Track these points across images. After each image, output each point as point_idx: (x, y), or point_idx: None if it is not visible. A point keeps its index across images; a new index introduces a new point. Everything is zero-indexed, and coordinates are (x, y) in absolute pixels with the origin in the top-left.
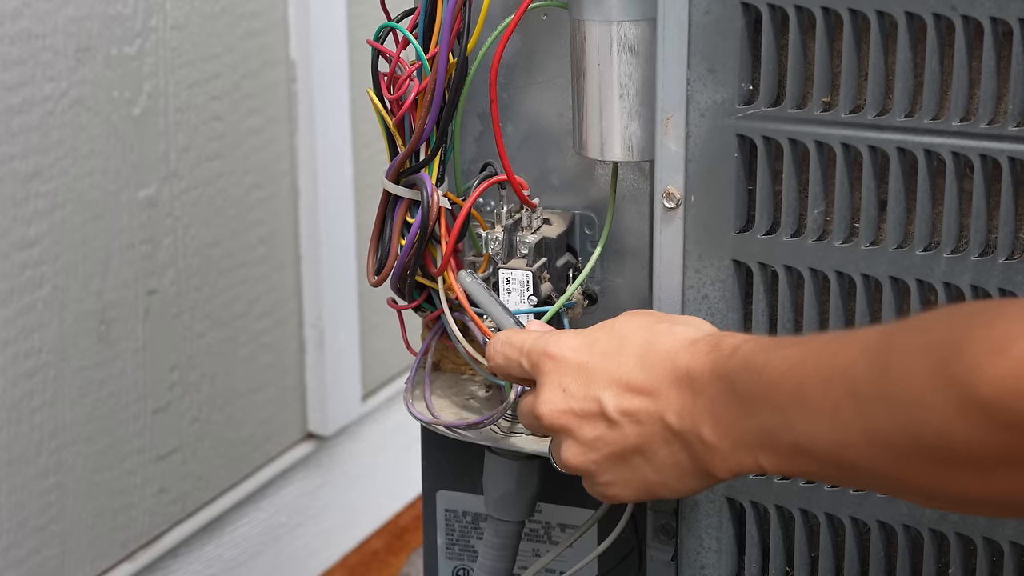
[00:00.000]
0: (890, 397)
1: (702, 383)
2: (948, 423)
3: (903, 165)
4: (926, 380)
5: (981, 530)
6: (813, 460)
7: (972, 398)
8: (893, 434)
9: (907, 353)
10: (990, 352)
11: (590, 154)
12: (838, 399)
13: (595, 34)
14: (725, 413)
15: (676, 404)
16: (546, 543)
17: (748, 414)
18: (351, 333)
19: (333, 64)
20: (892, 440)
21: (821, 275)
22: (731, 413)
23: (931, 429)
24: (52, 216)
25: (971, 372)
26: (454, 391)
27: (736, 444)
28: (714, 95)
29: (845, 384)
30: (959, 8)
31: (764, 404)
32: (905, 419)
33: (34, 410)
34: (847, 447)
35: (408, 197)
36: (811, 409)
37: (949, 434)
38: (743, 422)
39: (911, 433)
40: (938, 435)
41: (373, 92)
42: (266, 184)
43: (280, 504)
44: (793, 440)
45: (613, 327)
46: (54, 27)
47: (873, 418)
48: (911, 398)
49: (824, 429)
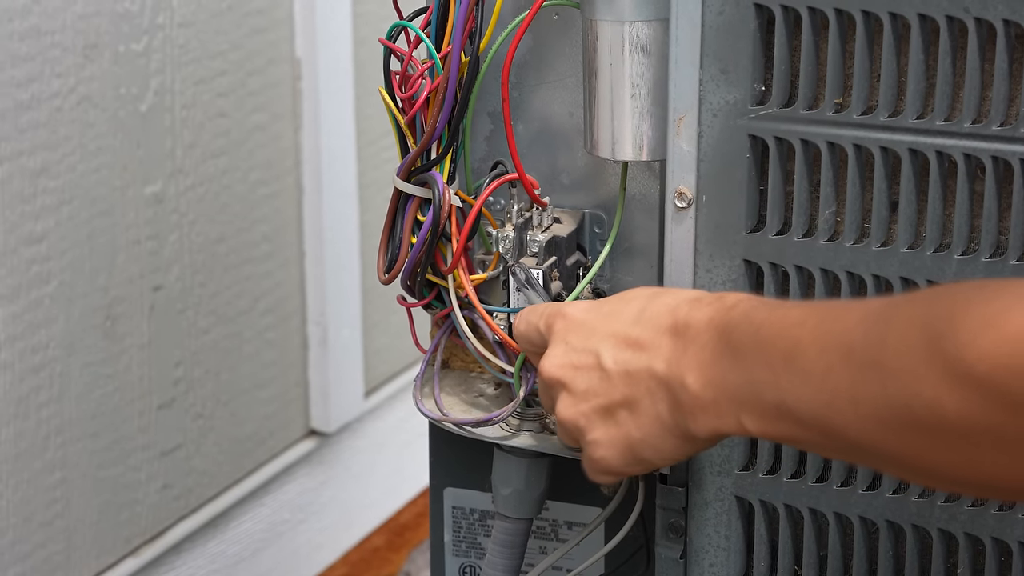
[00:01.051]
0: (883, 365)
1: (696, 331)
2: (938, 395)
3: (915, 166)
4: (920, 351)
5: (990, 530)
6: (797, 423)
7: (963, 372)
8: (882, 403)
9: (904, 324)
10: (984, 327)
11: (601, 153)
12: (831, 363)
13: (607, 34)
14: (713, 363)
15: (666, 352)
16: (553, 541)
17: (737, 367)
18: (354, 330)
19: (338, 62)
20: (880, 409)
21: (832, 275)
22: (720, 364)
23: (921, 400)
24: (59, 212)
25: (964, 346)
26: (463, 389)
27: (719, 397)
28: (726, 95)
29: (840, 349)
30: (972, 10)
31: (755, 359)
32: (896, 388)
33: (40, 405)
34: (834, 412)
35: (419, 195)
36: (802, 370)
37: (938, 407)
38: (731, 374)
39: (900, 403)
40: (927, 407)
41: (385, 90)
42: (271, 181)
43: (283, 500)
44: (779, 399)
45: (624, 293)
46: (62, 24)
47: (864, 385)
48: (904, 368)
49: (813, 391)
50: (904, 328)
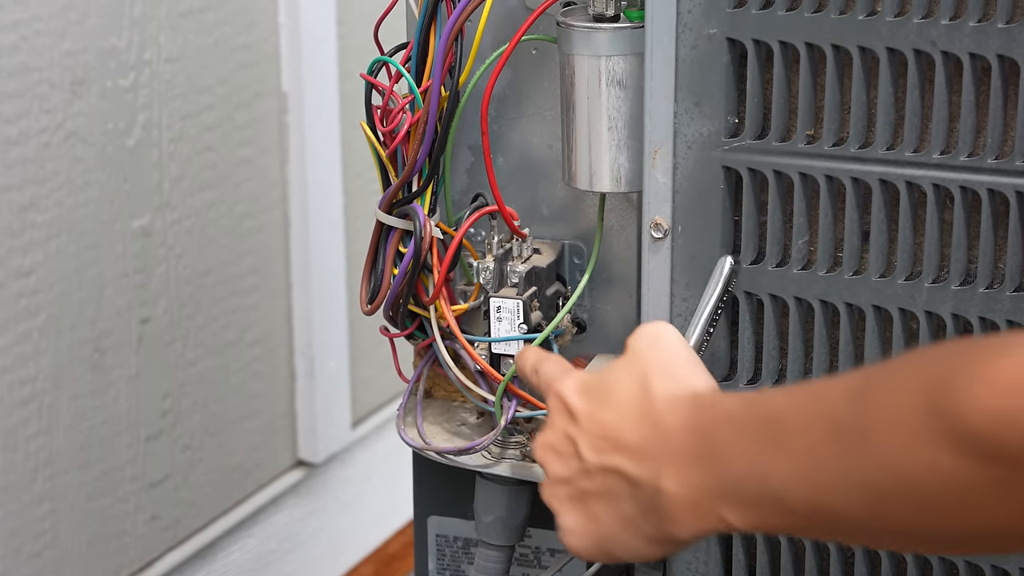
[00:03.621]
0: (873, 435)
1: (672, 433)
2: (937, 457)
3: (885, 196)
4: (913, 416)
5: (990, 558)
6: (785, 509)
7: (961, 430)
8: (876, 474)
9: (892, 390)
10: (977, 383)
11: (579, 185)
12: (817, 440)
13: (584, 68)
14: (692, 466)
15: (641, 453)
16: (536, 568)
17: (718, 466)
18: (341, 361)
19: (324, 96)
20: (875, 480)
21: (806, 303)
22: (699, 466)
23: (918, 464)
24: (47, 246)
25: (960, 404)
26: (445, 418)
27: (700, 497)
28: (700, 128)
29: (823, 424)
30: (939, 44)
31: (738, 453)
32: (890, 456)
33: (29, 438)
34: (825, 490)
35: (401, 227)
36: (786, 453)
37: (937, 469)
38: (711, 474)
39: (896, 471)
40: (925, 470)
41: (367, 125)
42: (257, 214)
43: (271, 531)
44: (762, 488)
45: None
46: (50, 61)
47: (855, 457)
48: (897, 435)
49: (799, 473)
50: (892, 394)
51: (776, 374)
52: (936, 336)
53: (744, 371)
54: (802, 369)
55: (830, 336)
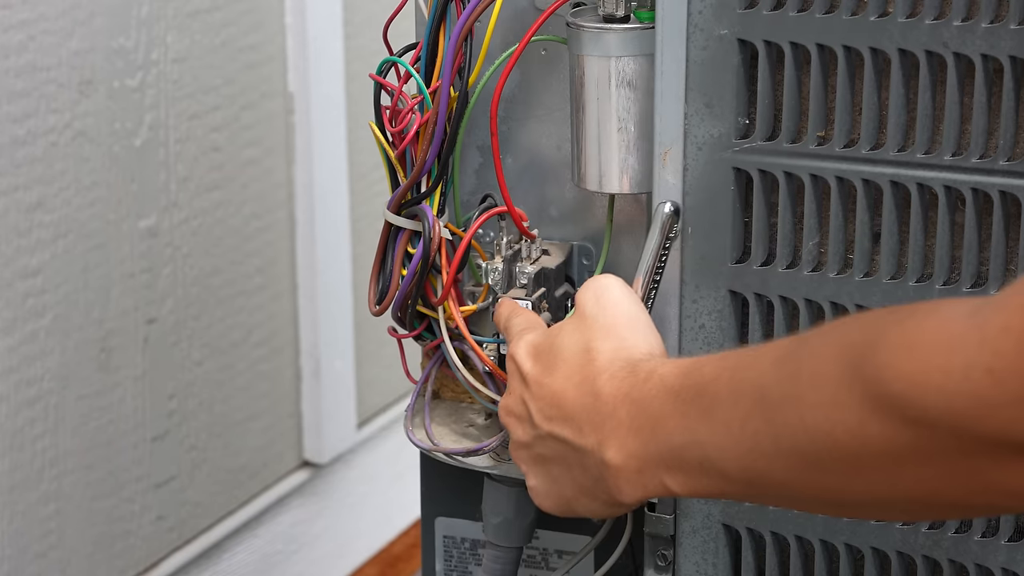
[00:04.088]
0: (801, 400)
1: (612, 406)
2: (861, 421)
3: (896, 198)
4: (839, 380)
5: (973, 556)
6: (721, 476)
7: (884, 394)
8: (803, 438)
9: (818, 357)
10: (900, 348)
11: (588, 186)
12: (748, 409)
13: (594, 69)
14: (633, 436)
15: (585, 425)
16: (544, 569)
17: (656, 435)
18: (346, 362)
19: (330, 96)
20: (803, 445)
21: (816, 306)
22: (640, 436)
23: (843, 428)
24: (54, 246)
25: (882, 368)
26: (453, 419)
27: (642, 466)
28: (711, 129)
29: (754, 393)
30: (951, 45)
31: (674, 423)
32: (816, 421)
33: (35, 438)
34: (757, 457)
35: (410, 228)
36: (721, 422)
37: (861, 432)
38: (651, 443)
39: (822, 435)
40: (850, 434)
41: (375, 125)
42: (264, 214)
43: (276, 532)
44: (701, 456)
45: (560, 333)
46: (58, 60)
47: (783, 424)
48: (823, 399)
49: (734, 441)
50: (818, 360)
51: None
52: None
53: None
54: None
55: None
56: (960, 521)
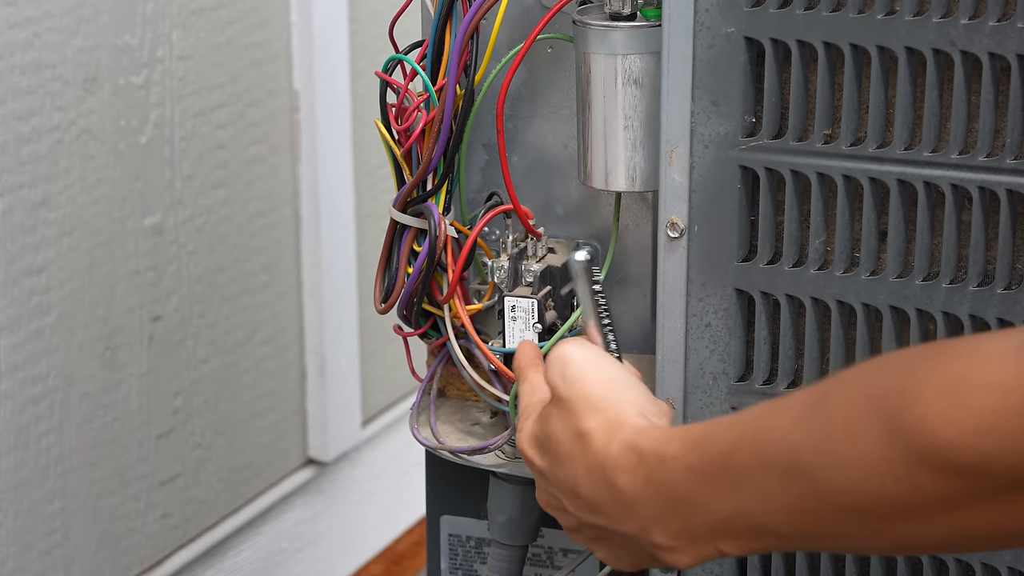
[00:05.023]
0: (838, 458)
1: (636, 497)
2: (909, 473)
3: (903, 196)
4: (877, 436)
5: (980, 556)
6: (775, 536)
7: (931, 445)
8: (850, 495)
9: (849, 410)
10: (943, 394)
11: (594, 184)
12: (783, 473)
13: (600, 67)
14: (672, 517)
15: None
16: (549, 568)
17: (698, 512)
18: (351, 360)
19: (335, 94)
20: (851, 500)
21: (822, 304)
22: (679, 515)
23: (892, 480)
24: (59, 243)
25: (926, 419)
26: (459, 417)
27: (693, 541)
28: (717, 127)
29: (785, 458)
30: (958, 44)
31: (711, 498)
32: (860, 478)
33: (40, 435)
34: (805, 516)
35: (415, 226)
36: (758, 490)
37: (912, 482)
38: (694, 519)
39: (869, 491)
40: (900, 485)
41: (381, 123)
42: (269, 212)
43: (281, 529)
44: (750, 522)
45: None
46: (63, 57)
47: (825, 483)
48: (863, 456)
49: (777, 506)
50: (849, 414)
51: (792, 374)
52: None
53: (760, 371)
54: (819, 370)
55: (847, 337)
56: None
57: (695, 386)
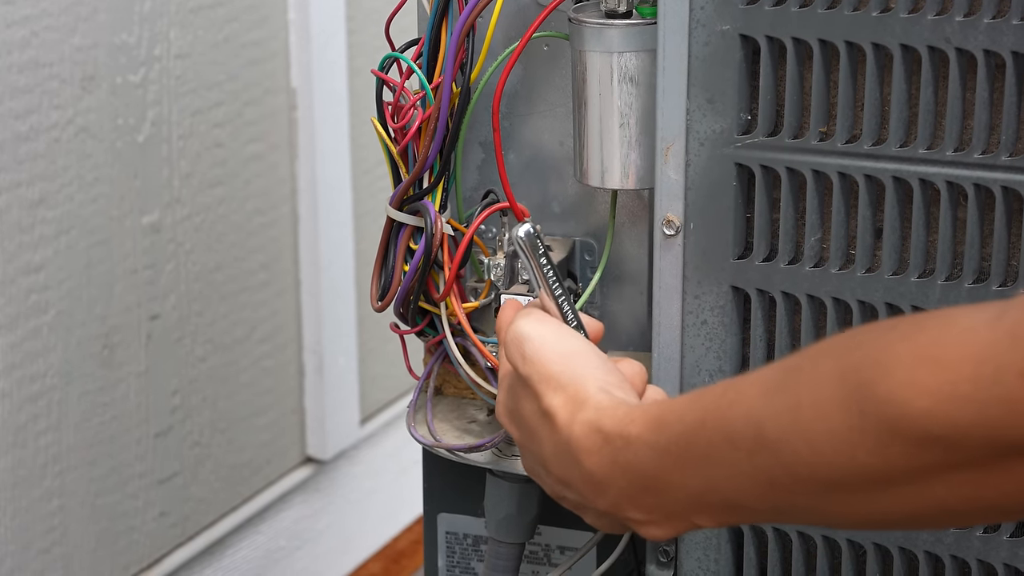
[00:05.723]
0: (807, 432)
1: (606, 479)
2: (880, 443)
3: (898, 194)
4: (847, 407)
5: (975, 552)
6: (747, 510)
7: (904, 415)
8: (820, 468)
9: (817, 383)
10: (918, 364)
11: (591, 182)
12: (750, 448)
13: (596, 64)
14: (643, 496)
15: (590, 494)
16: (546, 565)
17: (668, 490)
18: (350, 358)
19: (333, 92)
20: (821, 473)
21: (818, 301)
22: (650, 494)
23: (863, 452)
24: (57, 242)
25: (899, 388)
26: (456, 415)
27: (666, 516)
28: (713, 125)
29: (750, 431)
30: (953, 41)
31: (679, 478)
32: (830, 451)
33: (38, 434)
34: (776, 490)
35: (412, 224)
36: (726, 465)
37: (883, 454)
38: (665, 497)
39: (841, 462)
40: (871, 457)
41: (377, 121)
42: (267, 210)
43: (279, 528)
44: (722, 498)
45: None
46: (60, 56)
47: (793, 457)
48: (833, 428)
49: (748, 481)
50: (817, 387)
51: None
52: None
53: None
54: None
55: None
56: None
57: (691, 383)
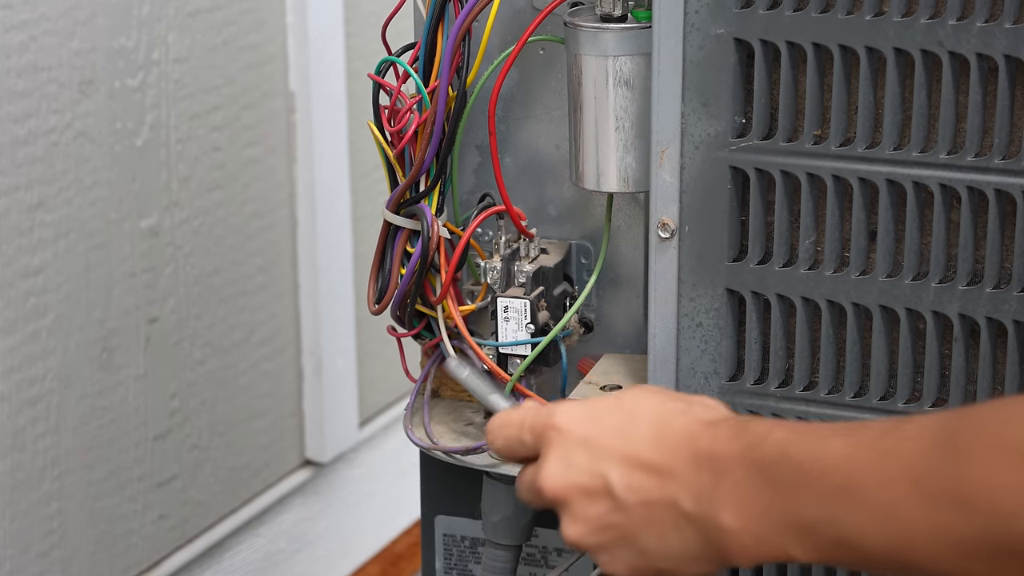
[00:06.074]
0: (966, 501)
1: (727, 467)
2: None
3: (892, 196)
4: (1012, 485)
5: None
6: (860, 554)
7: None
8: (971, 540)
9: (979, 452)
10: None
11: (586, 185)
12: (898, 498)
13: (592, 68)
14: (754, 501)
15: (693, 486)
16: (543, 567)
17: (783, 504)
18: (348, 361)
19: (331, 95)
20: (968, 543)
21: (812, 304)
22: (760, 502)
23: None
24: (56, 245)
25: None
26: (452, 417)
27: (764, 533)
28: (708, 128)
29: (906, 483)
30: (946, 44)
31: (803, 496)
32: (987, 525)
33: (37, 437)
34: (909, 546)
35: (408, 227)
36: (863, 506)
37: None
38: (776, 511)
39: (995, 539)
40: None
41: (374, 125)
42: (265, 214)
43: (278, 530)
44: (837, 535)
45: (622, 402)
46: (59, 60)
47: (945, 520)
48: (994, 505)
49: (880, 528)
50: (980, 457)
51: (783, 374)
52: (943, 336)
53: (751, 371)
54: (809, 369)
55: (837, 336)
56: None
57: (686, 386)
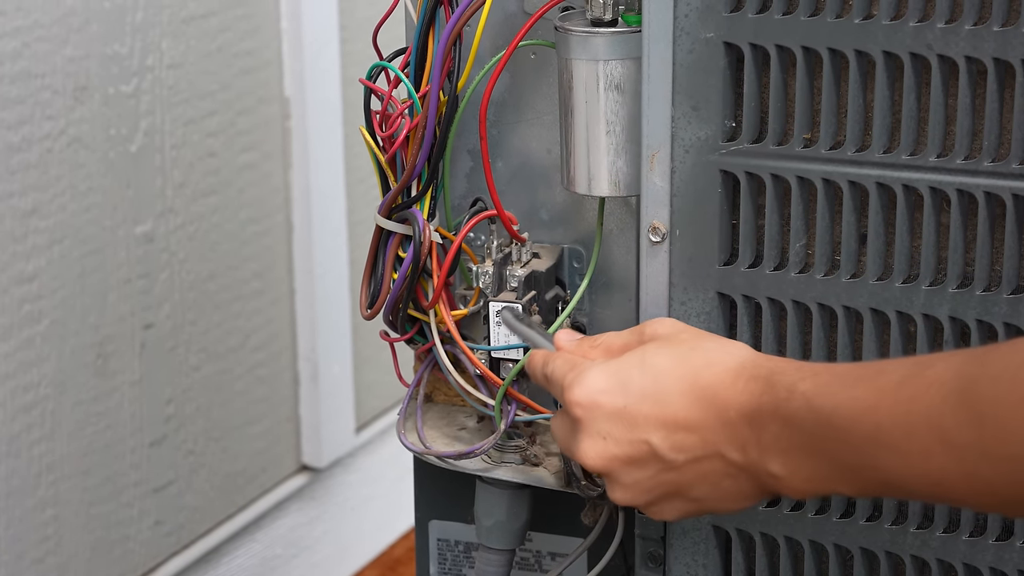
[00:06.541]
0: (993, 451)
1: (761, 421)
2: None
3: (882, 199)
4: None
5: (961, 556)
6: (906, 492)
7: None
8: (1000, 484)
9: (1002, 405)
10: None
11: (578, 189)
12: (928, 447)
13: (582, 72)
14: (794, 452)
15: (737, 439)
16: (537, 571)
17: (820, 454)
18: (344, 366)
19: (326, 101)
20: (999, 488)
21: (803, 307)
22: (800, 452)
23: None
24: (50, 252)
25: None
26: (445, 422)
27: (809, 478)
28: (698, 132)
29: (932, 434)
30: (935, 47)
31: (840, 446)
32: (1015, 471)
33: (32, 443)
34: (946, 488)
35: (400, 232)
36: (897, 452)
37: None
38: (815, 461)
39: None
40: None
41: (366, 130)
42: (261, 219)
43: (275, 536)
44: (881, 478)
45: (644, 361)
46: (53, 67)
47: (975, 467)
48: (1019, 452)
49: (917, 472)
50: (1003, 410)
51: None
52: (934, 339)
53: None
54: None
55: (828, 339)
56: (948, 520)
57: None
